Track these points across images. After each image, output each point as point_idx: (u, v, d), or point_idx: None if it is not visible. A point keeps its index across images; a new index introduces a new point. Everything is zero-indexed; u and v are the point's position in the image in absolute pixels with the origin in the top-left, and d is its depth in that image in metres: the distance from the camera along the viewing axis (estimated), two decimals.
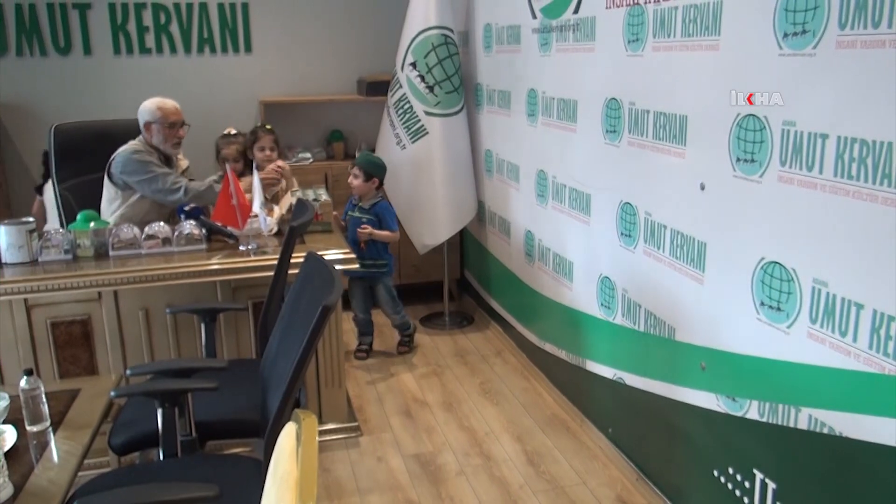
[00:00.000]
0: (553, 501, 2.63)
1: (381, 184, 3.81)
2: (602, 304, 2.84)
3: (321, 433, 3.05)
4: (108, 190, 3.30)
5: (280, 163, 3.43)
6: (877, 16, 1.51)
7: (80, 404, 2.06)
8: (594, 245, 2.87)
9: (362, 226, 3.68)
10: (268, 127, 3.62)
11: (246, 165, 3.58)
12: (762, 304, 1.93)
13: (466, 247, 4.66)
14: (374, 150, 4.37)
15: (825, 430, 1.74)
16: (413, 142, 4.10)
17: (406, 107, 4.10)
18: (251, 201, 2.99)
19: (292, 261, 2.49)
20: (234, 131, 3.70)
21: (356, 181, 3.74)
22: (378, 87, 4.47)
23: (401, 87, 4.11)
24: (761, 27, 1.84)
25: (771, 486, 1.96)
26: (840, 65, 1.62)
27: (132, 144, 3.28)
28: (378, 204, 3.78)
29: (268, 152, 3.50)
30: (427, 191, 4.10)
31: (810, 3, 1.68)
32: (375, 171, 3.76)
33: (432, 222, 4.15)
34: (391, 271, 3.89)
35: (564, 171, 3.10)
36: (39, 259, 2.81)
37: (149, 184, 3.20)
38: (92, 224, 2.89)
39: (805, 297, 1.77)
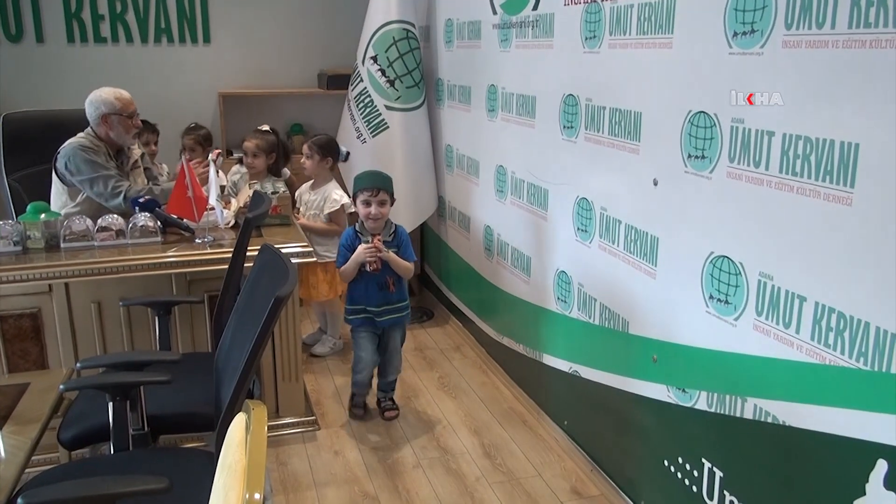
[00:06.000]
0: (509, 493, 2.66)
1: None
2: (559, 298, 2.87)
3: (279, 427, 3.03)
4: (55, 185, 3.16)
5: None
6: (821, 17, 1.55)
7: (29, 399, 2.02)
8: (551, 240, 2.90)
9: (373, 243, 2.98)
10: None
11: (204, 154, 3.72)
12: (711, 297, 1.97)
13: (426, 242, 4.66)
14: None
15: (769, 420, 1.79)
16: (373, 136, 4.10)
17: (367, 101, 4.09)
18: (208, 193, 2.95)
19: (248, 253, 2.47)
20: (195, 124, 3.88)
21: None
22: (339, 81, 4.45)
23: (362, 80, 4.10)
24: (712, 26, 1.88)
25: (718, 474, 2.01)
26: (786, 64, 1.66)
27: (79, 138, 3.09)
28: (397, 230, 3.15)
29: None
30: None
31: (759, 3, 1.72)
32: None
33: (392, 217, 4.14)
34: None
35: (523, 167, 3.12)
36: None
37: (90, 185, 3.04)
38: (42, 215, 2.82)
39: (751, 290, 1.82)
